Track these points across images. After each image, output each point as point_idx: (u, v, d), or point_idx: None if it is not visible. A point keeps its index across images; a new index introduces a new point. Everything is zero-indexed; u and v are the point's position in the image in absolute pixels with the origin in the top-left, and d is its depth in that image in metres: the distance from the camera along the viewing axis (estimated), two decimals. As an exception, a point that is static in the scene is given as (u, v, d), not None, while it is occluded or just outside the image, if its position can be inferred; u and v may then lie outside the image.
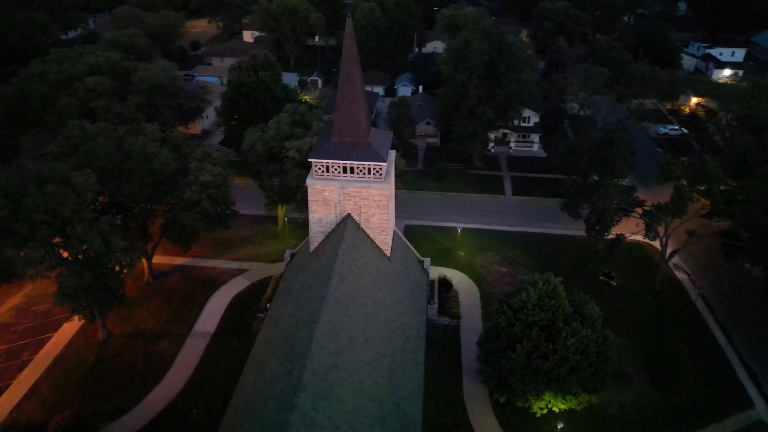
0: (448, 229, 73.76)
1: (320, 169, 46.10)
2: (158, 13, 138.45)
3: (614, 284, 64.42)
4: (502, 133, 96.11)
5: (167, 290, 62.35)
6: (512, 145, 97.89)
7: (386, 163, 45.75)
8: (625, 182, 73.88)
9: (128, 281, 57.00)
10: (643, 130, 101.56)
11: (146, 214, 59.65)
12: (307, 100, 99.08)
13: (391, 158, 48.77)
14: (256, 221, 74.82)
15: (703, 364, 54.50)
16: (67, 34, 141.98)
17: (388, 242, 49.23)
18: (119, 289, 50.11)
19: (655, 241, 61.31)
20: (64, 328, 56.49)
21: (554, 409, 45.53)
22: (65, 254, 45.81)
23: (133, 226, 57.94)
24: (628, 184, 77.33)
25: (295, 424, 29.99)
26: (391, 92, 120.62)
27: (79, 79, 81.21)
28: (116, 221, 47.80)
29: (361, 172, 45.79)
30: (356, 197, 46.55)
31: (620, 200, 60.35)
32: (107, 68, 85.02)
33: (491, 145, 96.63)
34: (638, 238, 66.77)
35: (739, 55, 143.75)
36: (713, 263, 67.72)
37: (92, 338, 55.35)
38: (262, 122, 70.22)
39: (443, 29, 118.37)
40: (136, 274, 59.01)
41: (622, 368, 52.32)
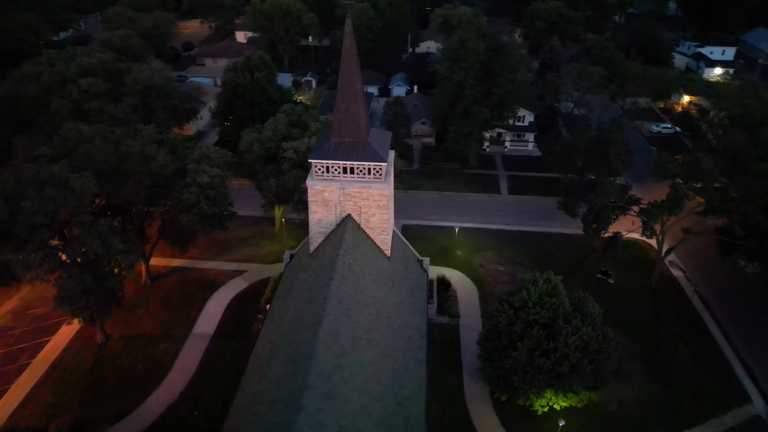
0: (445, 228, 73.94)
1: (320, 169, 46.05)
2: (150, 13, 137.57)
3: (611, 282, 64.86)
4: (497, 132, 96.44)
5: (165, 292, 62.06)
6: (507, 144, 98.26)
7: (386, 163, 45.82)
8: (619, 180, 74.37)
9: (126, 284, 56.53)
10: (636, 128, 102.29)
11: (143, 216, 59.37)
12: (301, 100, 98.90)
13: (390, 158, 48.86)
14: (253, 222, 74.63)
15: (700, 360, 55.07)
16: (58, 35, 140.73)
17: (388, 242, 49.27)
18: (118, 291, 49.81)
19: (651, 238, 61.73)
20: (62, 331, 56.08)
21: (555, 406, 45.80)
22: (64, 257, 45.48)
23: (130, 228, 57.59)
24: (622, 182, 77.95)
25: (301, 424, 29.99)
26: (385, 92, 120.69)
27: (72, 80, 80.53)
28: (115, 223, 47.48)
29: (361, 172, 45.79)
30: (356, 197, 46.54)
31: (617, 198, 60.75)
32: (100, 70, 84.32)
33: (486, 144, 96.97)
34: (634, 236, 67.32)
35: (729, 53, 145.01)
36: (708, 260, 68.30)
37: (90, 341, 54.97)
38: (258, 123, 70.10)
39: (437, 29, 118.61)
40: (133, 276, 58.74)
41: (621, 365, 52.63)
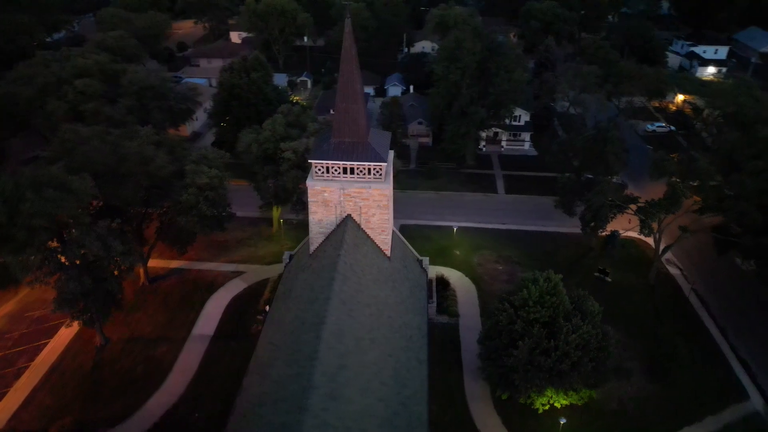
0: (443, 228, 74.08)
1: (320, 170, 46.04)
2: (144, 14, 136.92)
3: (609, 280, 65.19)
4: (493, 132, 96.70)
5: (163, 294, 61.85)
6: (503, 143, 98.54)
7: (386, 163, 45.90)
8: (615, 179, 74.77)
9: (124, 286, 56.23)
10: (632, 127, 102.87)
11: (141, 217, 59.15)
12: (297, 100, 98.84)
13: (390, 158, 48.94)
14: (250, 223, 74.49)
15: (698, 357, 55.47)
16: (51, 36, 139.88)
17: (388, 242, 49.32)
18: (118, 293, 49.61)
19: (649, 237, 62.09)
20: (60, 333, 55.75)
21: (556, 405, 46.05)
22: (63, 259, 45.25)
23: (128, 229, 57.34)
24: (618, 181, 78.34)
25: (307, 425, 30.01)
26: (381, 92, 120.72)
27: (67, 81, 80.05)
28: (115, 225, 47.28)
29: (361, 172, 45.83)
30: (356, 198, 46.57)
31: (615, 197, 61.08)
32: (96, 71, 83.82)
33: (483, 144, 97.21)
34: (631, 234, 67.77)
35: (722, 52, 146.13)
36: (705, 258, 68.78)
37: (89, 344, 54.71)
38: (255, 124, 69.94)
39: (433, 29, 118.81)
40: (132, 278, 58.30)
41: (620, 363, 52.90)
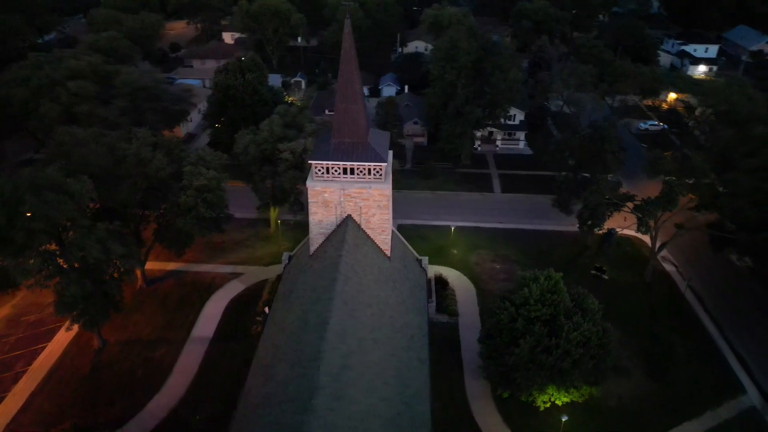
0: (440, 227, 74.24)
1: (320, 170, 46.00)
2: (136, 14, 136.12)
3: (606, 278, 65.60)
4: (488, 131, 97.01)
5: (162, 296, 61.57)
6: (498, 143, 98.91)
7: (387, 163, 45.97)
8: (610, 177, 75.20)
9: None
10: (627, 125, 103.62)
11: (139, 219, 58.84)
12: (292, 101, 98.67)
13: (389, 158, 49.00)
14: (247, 224, 74.30)
15: (695, 353, 55.98)
16: (42, 38, 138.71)
17: (387, 242, 49.36)
18: (117, 296, 49.33)
19: (645, 234, 62.56)
20: (57, 337, 55.38)
21: (557, 402, 46.30)
22: (62, 262, 44.94)
23: (126, 231, 57.02)
24: (614, 179, 78.77)
25: (313, 425, 30.00)
26: (375, 92, 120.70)
27: (60, 83, 79.43)
28: (115, 227, 47.02)
29: (361, 172, 45.85)
30: (357, 198, 46.58)
31: (612, 195, 61.50)
32: (89, 72, 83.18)
33: (478, 143, 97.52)
34: (627, 232, 68.23)
35: (712, 51, 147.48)
36: (700, 255, 69.36)
37: (87, 347, 54.34)
38: (251, 124, 69.73)
39: (427, 29, 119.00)
40: (129, 280, 58.02)
41: (618, 360, 53.30)
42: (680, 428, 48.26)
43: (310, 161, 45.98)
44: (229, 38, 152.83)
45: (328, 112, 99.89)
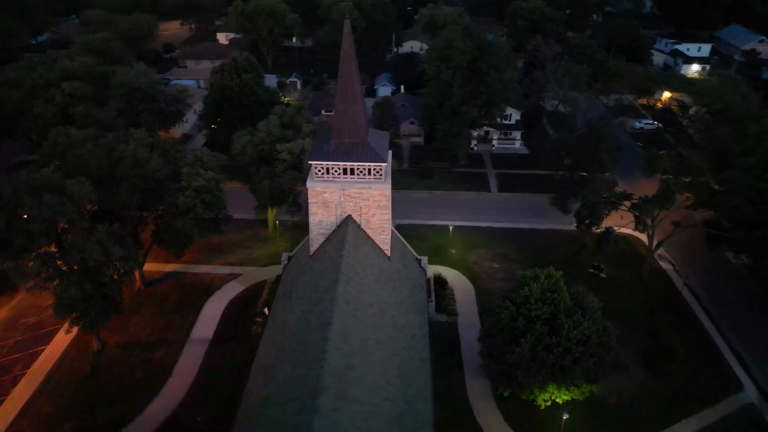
0: (438, 227, 74.38)
1: (320, 171, 45.99)
2: (130, 15, 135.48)
3: (603, 276, 65.94)
4: (484, 131, 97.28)
5: (160, 298, 61.35)
6: (495, 142, 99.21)
7: (386, 163, 46.02)
8: (605, 176, 75.56)
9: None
10: (622, 124, 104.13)
11: (137, 221, 58.61)
12: (288, 101, 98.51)
13: (389, 158, 49.04)
14: (245, 225, 74.13)
15: (693, 351, 56.37)
16: (35, 38, 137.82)
17: (387, 242, 49.44)
18: (117, 298, 49.14)
19: (643, 233, 62.95)
20: (56, 340, 55.08)
21: (558, 400, 46.42)
22: (61, 264, 44.71)
23: (124, 233, 56.78)
24: (610, 178, 79.14)
25: (318, 425, 30.01)
26: (370, 92, 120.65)
27: (55, 84, 79.03)
28: (114, 229, 46.84)
29: (361, 173, 45.88)
30: (357, 198, 46.62)
31: (609, 194, 61.83)
32: (84, 73, 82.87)
33: (474, 143, 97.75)
34: (624, 230, 68.61)
35: (705, 50, 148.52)
36: (696, 253, 69.83)
37: (86, 349, 54.06)
38: (247, 125, 69.59)
39: (423, 29, 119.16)
40: (128, 282, 57.83)
41: (617, 358, 53.55)
42: (679, 425, 48.62)
43: (310, 162, 45.96)
44: (223, 39, 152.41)
45: (324, 112, 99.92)
